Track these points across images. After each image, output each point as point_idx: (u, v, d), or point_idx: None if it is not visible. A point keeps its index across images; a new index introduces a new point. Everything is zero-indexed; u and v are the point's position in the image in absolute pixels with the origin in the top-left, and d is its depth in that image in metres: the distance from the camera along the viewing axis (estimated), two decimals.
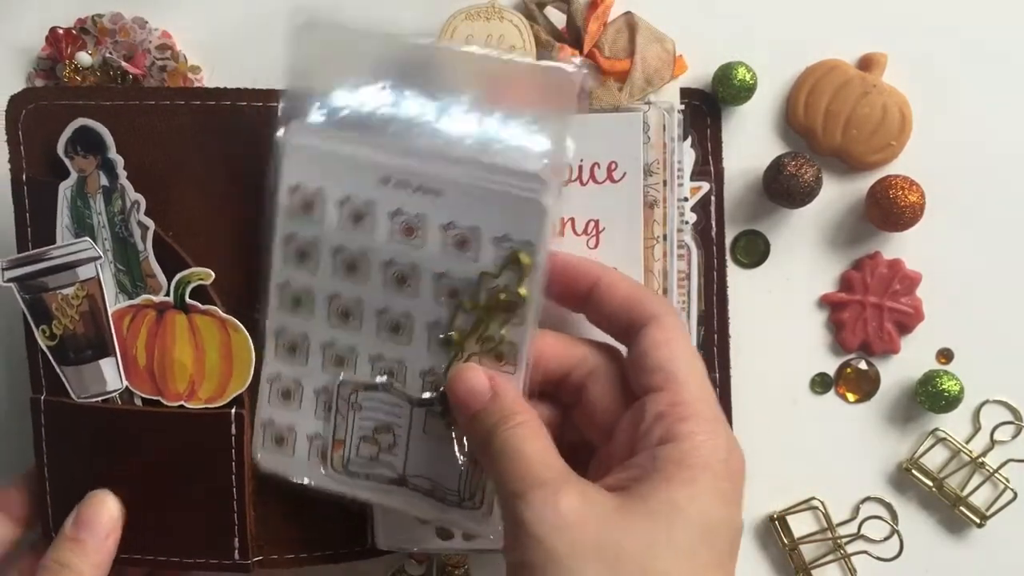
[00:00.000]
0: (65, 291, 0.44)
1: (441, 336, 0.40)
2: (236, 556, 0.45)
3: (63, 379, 0.45)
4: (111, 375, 0.45)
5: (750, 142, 0.52)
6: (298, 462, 0.44)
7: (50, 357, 0.45)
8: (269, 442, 0.44)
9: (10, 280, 0.44)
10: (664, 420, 0.36)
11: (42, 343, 0.45)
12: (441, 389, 0.40)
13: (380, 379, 0.42)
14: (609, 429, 0.39)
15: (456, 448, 0.41)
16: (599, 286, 0.40)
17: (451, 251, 0.40)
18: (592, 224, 0.45)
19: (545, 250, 0.39)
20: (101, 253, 0.44)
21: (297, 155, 0.41)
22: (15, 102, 0.44)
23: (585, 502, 0.34)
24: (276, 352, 0.43)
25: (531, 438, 0.37)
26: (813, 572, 0.52)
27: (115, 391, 0.45)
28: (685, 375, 0.38)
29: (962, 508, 0.52)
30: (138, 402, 0.45)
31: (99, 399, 0.45)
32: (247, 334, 0.44)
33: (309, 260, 0.41)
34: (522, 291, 0.39)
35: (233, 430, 0.44)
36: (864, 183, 0.51)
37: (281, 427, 0.44)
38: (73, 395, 0.45)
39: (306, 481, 0.43)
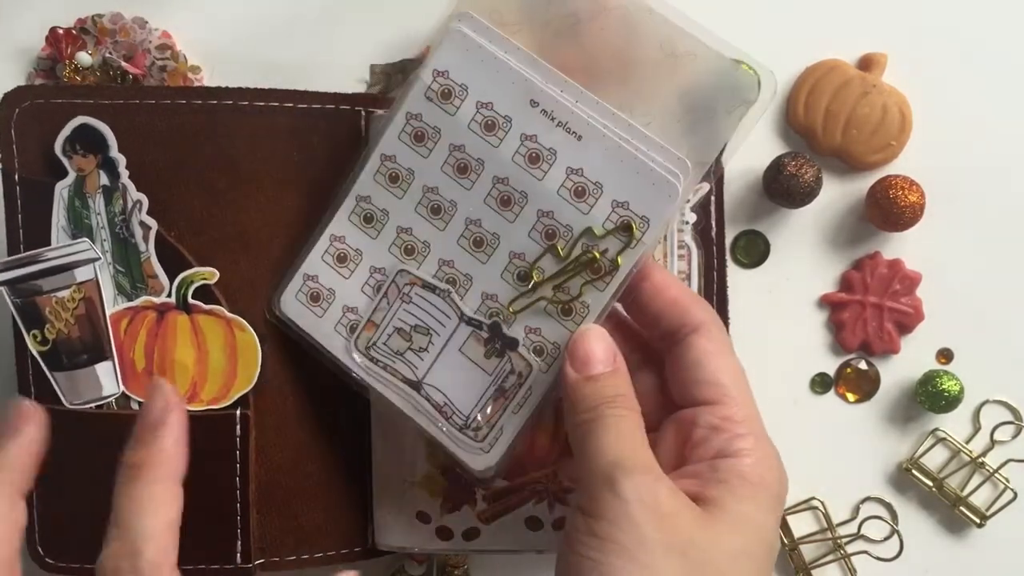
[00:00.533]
0: (60, 294, 0.44)
1: (520, 269, 0.40)
2: (238, 560, 0.45)
3: (54, 385, 0.44)
4: (107, 380, 0.44)
5: (750, 142, 0.51)
6: (322, 323, 0.43)
7: (40, 363, 0.44)
8: (302, 294, 0.43)
9: (0, 284, 0.43)
10: (720, 434, 0.37)
11: (32, 348, 0.44)
12: (497, 320, 0.40)
13: (441, 284, 0.41)
14: (648, 426, 0.39)
15: (485, 378, 0.41)
16: (649, 282, 0.40)
17: (566, 194, 0.40)
18: None
19: (657, 233, 0.39)
20: (100, 254, 0.44)
21: (459, 43, 0.40)
22: (9, 100, 0.44)
23: (678, 500, 0.35)
24: (351, 215, 0.42)
25: (641, 428, 0.37)
26: (813, 572, 0.52)
27: (111, 396, 0.44)
28: (737, 390, 0.38)
29: (962, 508, 0.52)
30: (135, 407, 0.44)
31: (93, 405, 0.44)
32: (253, 333, 0.44)
33: (424, 144, 0.41)
34: (620, 260, 0.39)
35: (238, 431, 0.44)
36: (864, 183, 0.51)
37: (322, 286, 0.43)
38: (65, 401, 0.44)
39: (321, 342, 0.43)
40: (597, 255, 0.39)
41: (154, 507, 0.36)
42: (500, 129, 0.40)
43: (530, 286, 0.40)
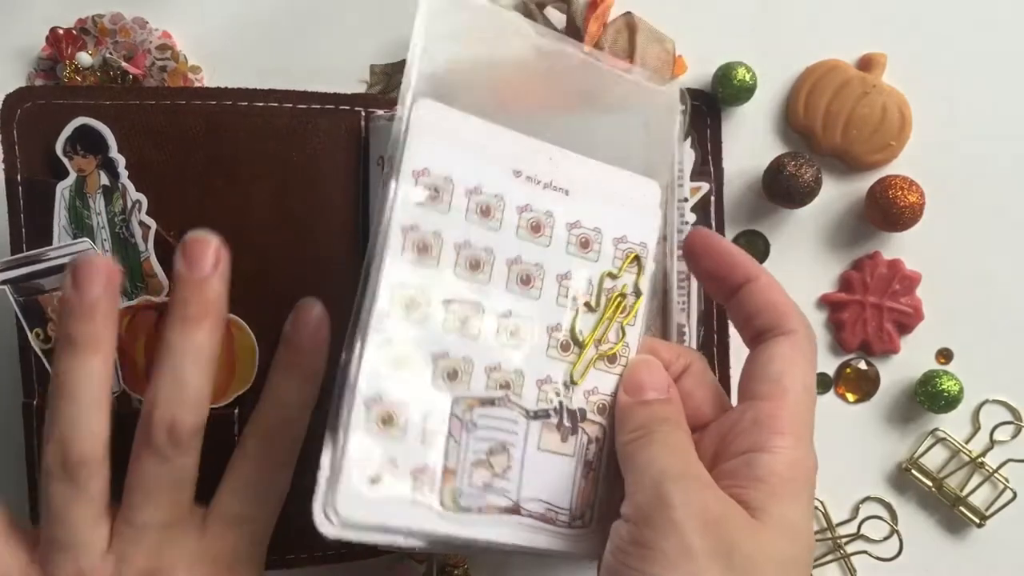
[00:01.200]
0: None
1: (561, 340, 0.39)
2: None
3: None
4: None
5: (750, 142, 0.52)
6: (398, 509, 0.36)
7: (44, 360, 0.44)
8: (363, 484, 0.35)
9: (3, 283, 0.43)
10: (759, 428, 0.36)
11: (36, 346, 0.44)
12: (560, 399, 0.39)
13: (497, 392, 0.38)
14: (696, 423, 0.39)
15: (570, 462, 0.39)
16: (755, 283, 0.40)
17: (574, 250, 0.39)
18: None
19: (655, 250, 0.41)
20: (100, 253, 0.44)
21: (427, 133, 0.37)
22: (11, 101, 0.44)
23: (726, 507, 0.34)
24: (381, 369, 0.36)
25: (691, 446, 0.37)
26: (813, 572, 0.52)
27: (113, 394, 0.44)
28: (796, 395, 0.37)
29: (962, 508, 0.52)
30: (136, 405, 0.44)
31: None
32: (250, 333, 0.44)
33: (429, 254, 0.37)
34: (641, 286, 0.40)
35: (236, 431, 0.44)
36: (864, 183, 0.51)
37: (381, 462, 0.36)
38: None
39: (404, 529, 0.36)
40: (622, 294, 0.40)
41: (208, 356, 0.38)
42: (496, 210, 0.38)
43: (577, 351, 0.39)
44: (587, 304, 0.39)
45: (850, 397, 0.53)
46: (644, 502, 0.34)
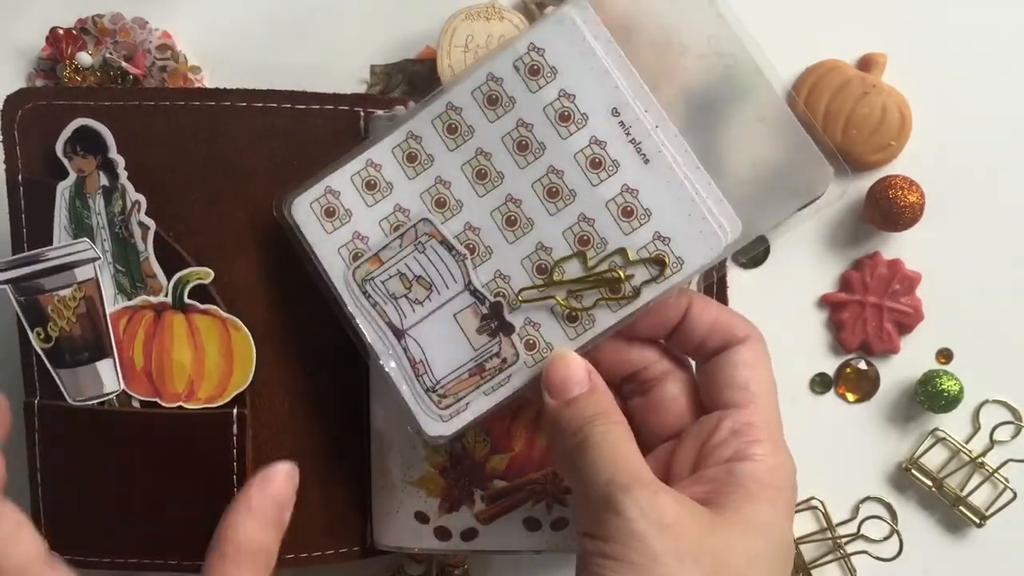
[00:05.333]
0: (62, 293, 0.44)
1: (542, 262, 0.40)
2: None
3: (58, 382, 0.45)
4: (108, 377, 0.44)
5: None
6: (328, 240, 0.41)
7: (45, 360, 0.44)
8: (318, 205, 0.41)
9: (4, 282, 0.44)
10: (739, 438, 0.37)
11: (37, 346, 0.44)
12: (498, 297, 0.40)
13: (460, 246, 0.40)
14: (672, 431, 0.40)
15: (469, 351, 0.41)
16: (689, 314, 0.40)
17: (614, 209, 0.39)
18: None
19: (686, 278, 0.39)
20: (100, 254, 0.44)
21: (565, 28, 0.39)
22: (11, 102, 0.44)
23: (683, 507, 0.35)
24: (395, 148, 0.41)
25: (629, 439, 0.37)
26: (813, 572, 0.52)
27: (112, 393, 0.44)
28: (765, 399, 0.38)
29: (962, 508, 0.52)
30: (135, 404, 0.45)
31: (95, 402, 0.44)
32: (248, 333, 0.44)
33: (494, 109, 0.40)
34: (643, 290, 0.39)
35: (235, 430, 0.44)
36: (864, 183, 0.51)
37: (341, 204, 0.41)
38: (68, 398, 0.44)
39: (320, 259, 0.41)
40: (622, 276, 0.39)
41: None
42: (574, 123, 0.39)
43: (546, 281, 0.40)
44: (585, 256, 0.39)
45: (850, 397, 0.52)
46: (601, 517, 0.35)
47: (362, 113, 0.45)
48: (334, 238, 0.41)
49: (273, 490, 0.41)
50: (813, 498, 0.52)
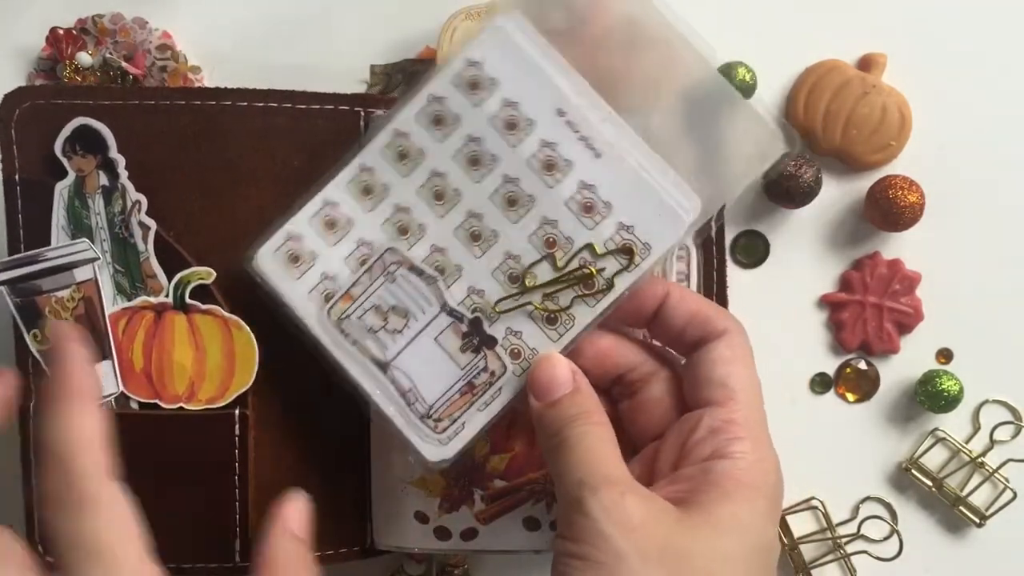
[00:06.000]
0: (60, 294, 0.44)
1: (513, 271, 0.40)
2: (237, 559, 0.45)
3: None
4: (107, 379, 0.44)
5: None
6: (297, 286, 0.42)
7: (41, 362, 0.44)
8: (281, 253, 0.42)
9: (1, 283, 0.43)
10: (718, 436, 0.37)
11: (33, 348, 0.44)
12: (476, 312, 0.40)
13: (429, 269, 0.41)
14: (659, 430, 0.40)
15: (456, 371, 0.41)
16: (667, 303, 0.40)
17: (574, 207, 0.40)
18: None
19: (656, 261, 0.40)
20: (99, 254, 0.44)
21: (499, 39, 0.40)
22: (9, 101, 0.44)
23: (651, 507, 0.35)
24: (350, 183, 0.41)
25: (607, 439, 0.37)
26: (813, 572, 0.52)
27: (111, 396, 0.44)
28: (745, 394, 0.38)
29: (962, 508, 0.52)
30: (134, 406, 0.44)
31: None
32: (250, 332, 0.44)
33: (441, 128, 0.40)
34: (616, 281, 0.40)
35: (237, 430, 0.44)
36: (864, 183, 0.51)
37: (304, 249, 0.41)
38: None
39: (293, 306, 0.41)
40: (594, 272, 0.40)
41: (76, 423, 0.36)
42: (521, 130, 0.40)
43: (520, 289, 0.40)
44: (554, 257, 0.40)
45: (850, 397, 0.52)
46: (570, 517, 0.35)
47: (362, 113, 0.45)
48: (303, 283, 0.42)
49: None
50: (813, 498, 0.52)
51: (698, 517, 0.35)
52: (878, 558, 0.52)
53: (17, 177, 0.44)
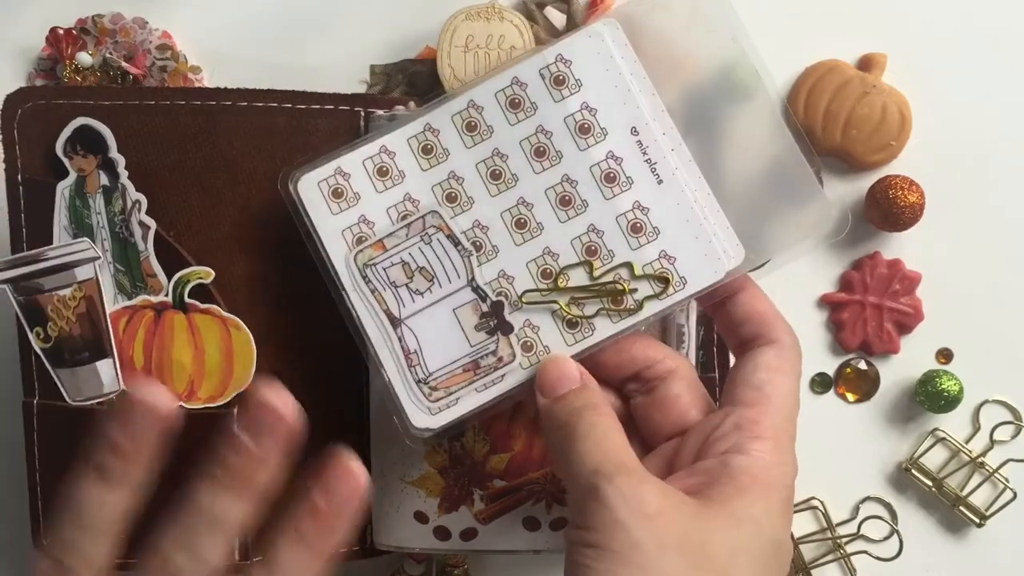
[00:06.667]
0: (62, 292, 0.44)
1: (547, 267, 0.40)
2: (236, 557, 0.45)
3: (57, 382, 0.44)
4: (108, 377, 0.44)
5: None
6: (332, 221, 0.41)
7: (44, 360, 0.44)
8: (326, 184, 0.41)
9: (3, 282, 0.44)
10: (740, 432, 0.37)
11: (36, 346, 0.44)
12: (500, 296, 0.40)
13: (467, 243, 0.40)
14: (674, 430, 0.40)
15: (465, 346, 0.41)
16: (742, 293, 0.40)
17: (624, 223, 0.40)
18: None
19: (685, 299, 0.40)
20: (100, 253, 0.44)
21: (594, 44, 0.40)
22: (11, 101, 0.44)
23: (668, 496, 0.35)
24: (412, 138, 0.41)
25: (617, 430, 0.37)
26: (813, 572, 0.52)
27: (111, 393, 0.44)
28: (780, 403, 0.38)
29: (962, 508, 0.52)
30: None
31: (94, 402, 0.44)
32: (248, 332, 0.44)
33: (516, 112, 0.40)
34: (644, 305, 0.40)
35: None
36: (864, 183, 0.51)
37: (350, 186, 0.41)
38: (67, 398, 0.44)
39: (323, 239, 0.41)
40: (626, 289, 0.40)
41: None
42: (593, 136, 0.40)
43: (551, 286, 0.40)
44: (591, 265, 0.40)
45: (850, 397, 0.52)
46: (585, 506, 0.35)
47: (362, 113, 0.45)
48: (339, 220, 0.41)
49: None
50: (813, 498, 0.52)
51: (717, 509, 0.35)
52: (878, 558, 0.52)
53: (20, 177, 0.44)
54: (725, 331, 0.41)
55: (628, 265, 0.40)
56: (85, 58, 0.51)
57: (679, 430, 0.40)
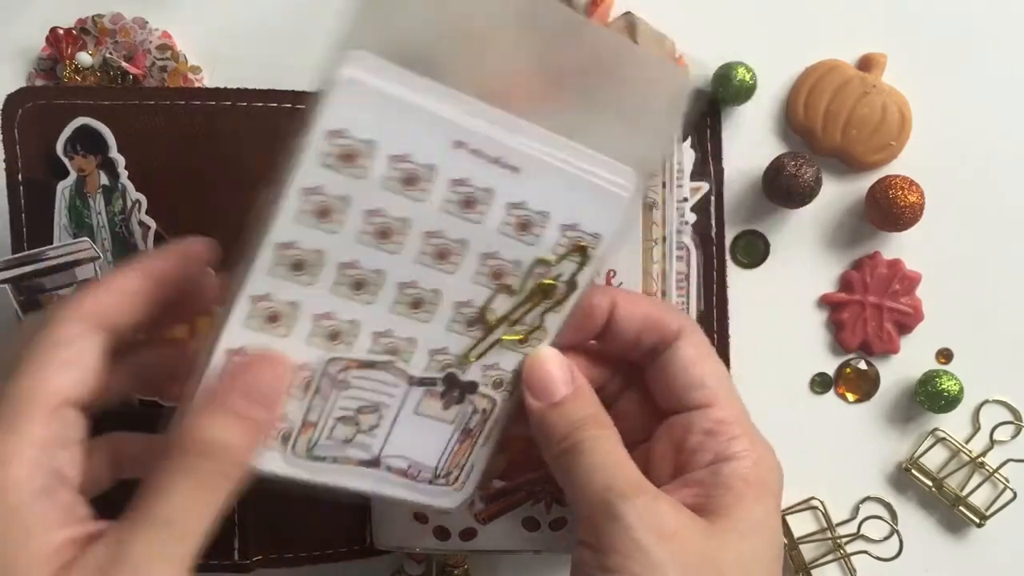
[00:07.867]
0: (62, 292, 0.44)
1: (469, 316, 0.37)
2: (236, 556, 0.45)
3: None
4: None
5: (750, 142, 0.52)
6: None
7: None
8: None
9: (4, 281, 0.44)
10: (715, 438, 0.37)
11: None
12: (451, 371, 0.38)
13: (380, 357, 0.36)
14: (635, 439, 0.39)
15: (447, 428, 0.39)
16: (617, 311, 0.38)
17: (509, 231, 0.36)
18: None
19: (610, 245, 0.37)
20: (100, 253, 0.44)
21: (353, 93, 0.32)
22: (12, 101, 0.44)
23: (681, 514, 0.34)
24: (248, 321, 0.34)
25: (620, 444, 0.36)
26: (813, 572, 0.52)
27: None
28: (725, 391, 0.38)
29: (962, 508, 0.52)
30: (135, 403, 0.45)
31: None
32: None
33: (330, 219, 0.33)
34: (578, 280, 0.37)
35: None
36: (864, 183, 0.51)
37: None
38: None
39: (255, 467, 0.35)
40: (551, 281, 0.37)
41: None
42: (423, 181, 0.33)
43: (484, 329, 0.37)
44: (507, 286, 0.37)
45: (850, 397, 0.53)
46: (599, 526, 0.34)
47: None
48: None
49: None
50: (813, 498, 0.52)
51: (721, 523, 0.35)
52: (878, 558, 0.52)
53: (20, 177, 0.44)
54: (624, 351, 0.39)
55: (540, 261, 0.36)
56: (85, 58, 0.51)
57: (639, 440, 0.39)
